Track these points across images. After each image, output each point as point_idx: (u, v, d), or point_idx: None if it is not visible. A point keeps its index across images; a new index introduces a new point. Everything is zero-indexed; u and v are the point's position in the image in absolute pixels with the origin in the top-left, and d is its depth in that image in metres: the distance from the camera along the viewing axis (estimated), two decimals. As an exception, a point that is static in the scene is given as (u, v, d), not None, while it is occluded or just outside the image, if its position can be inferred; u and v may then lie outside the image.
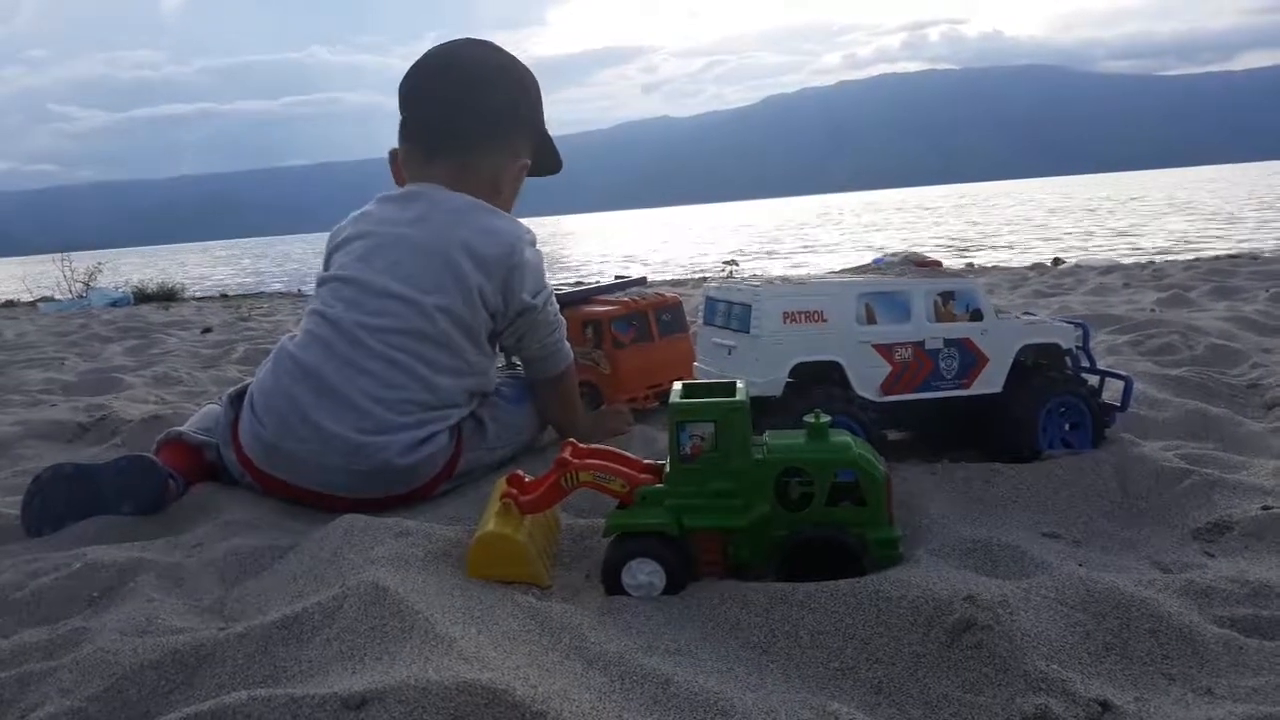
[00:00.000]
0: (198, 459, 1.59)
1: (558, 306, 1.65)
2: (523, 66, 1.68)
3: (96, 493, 1.45)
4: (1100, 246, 10.83)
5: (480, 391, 1.58)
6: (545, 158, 1.73)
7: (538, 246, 1.63)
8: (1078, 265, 7.32)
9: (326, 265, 1.61)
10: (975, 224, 19.11)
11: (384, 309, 1.48)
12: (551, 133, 1.74)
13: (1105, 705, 0.81)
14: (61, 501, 1.44)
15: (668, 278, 9.28)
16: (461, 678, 0.79)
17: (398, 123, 1.67)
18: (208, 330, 5.49)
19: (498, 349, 1.64)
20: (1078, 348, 1.57)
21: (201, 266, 28.75)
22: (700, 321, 1.63)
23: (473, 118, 1.62)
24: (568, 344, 1.66)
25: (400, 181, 1.66)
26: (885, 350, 1.45)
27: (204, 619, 1.08)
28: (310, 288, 11.11)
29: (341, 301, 1.50)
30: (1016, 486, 1.35)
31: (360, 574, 1.02)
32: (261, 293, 11.59)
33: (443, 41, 1.68)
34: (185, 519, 1.47)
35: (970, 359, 1.47)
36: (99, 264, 11.43)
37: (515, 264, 1.54)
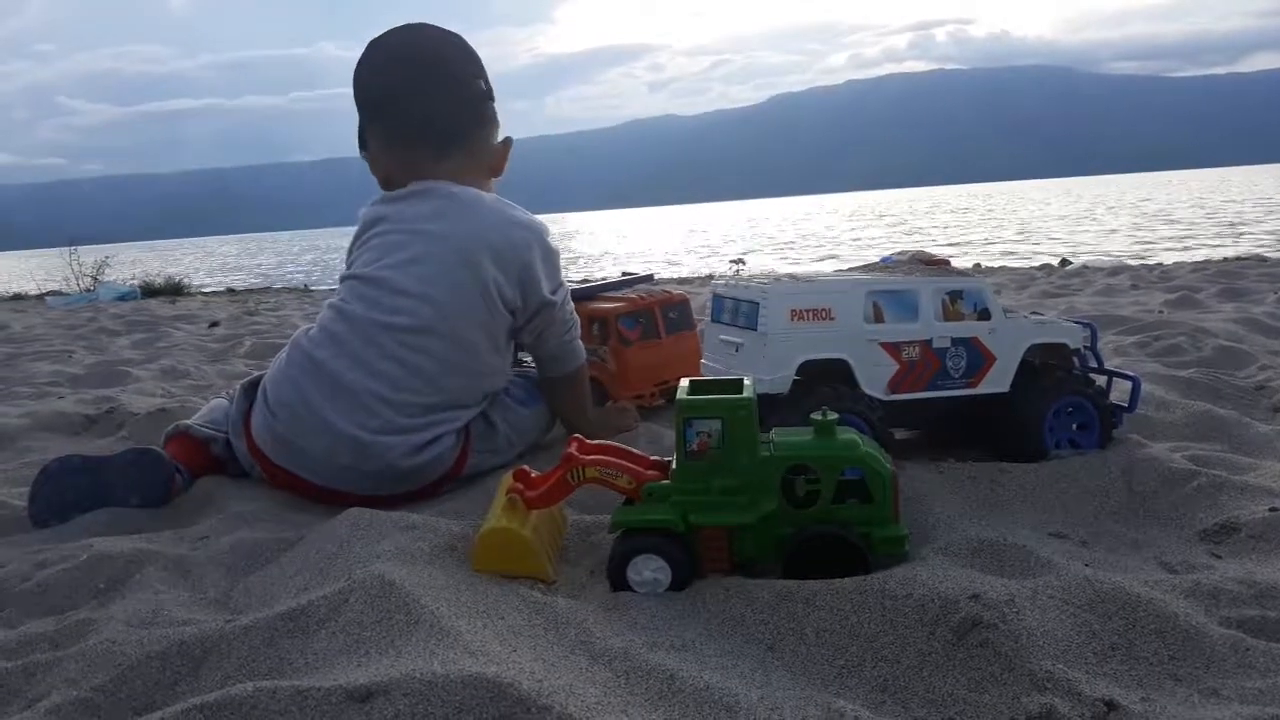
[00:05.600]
0: (204, 452, 1.60)
1: (573, 304, 1.65)
2: (466, 41, 1.65)
3: (103, 485, 1.46)
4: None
5: (492, 391, 1.58)
6: None
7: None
8: (1085, 266, 7.30)
9: (349, 264, 1.60)
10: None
11: (400, 307, 1.47)
12: (559, 131, 1.75)
13: (1111, 705, 0.81)
14: (68, 493, 1.45)
15: (676, 275, 9.28)
16: (467, 671, 0.79)
17: (375, 126, 1.60)
18: (215, 324, 5.50)
19: (512, 347, 1.63)
20: (1085, 348, 1.56)
21: (209, 260, 28.80)
22: (707, 319, 1.63)
23: (468, 112, 1.61)
24: (581, 342, 1.66)
25: (389, 184, 1.61)
26: (893, 348, 1.44)
27: (210, 611, 1.08)
28: (317, 284, 11.13)
29: (359, 299, 1.50)
30: (1023, 486, 1.35)
31: (366, 567, 1.03)
32: (269, 287, 11.61)
33: (381, 35, 1.61)
34: (191, 512, 1.48)
35: (978, 358, 1.47)
36: (106, 258, 11.44)
37: (532, 259, 1.54)
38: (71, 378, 3.22)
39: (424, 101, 1.58)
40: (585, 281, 2.28)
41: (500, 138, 1.67)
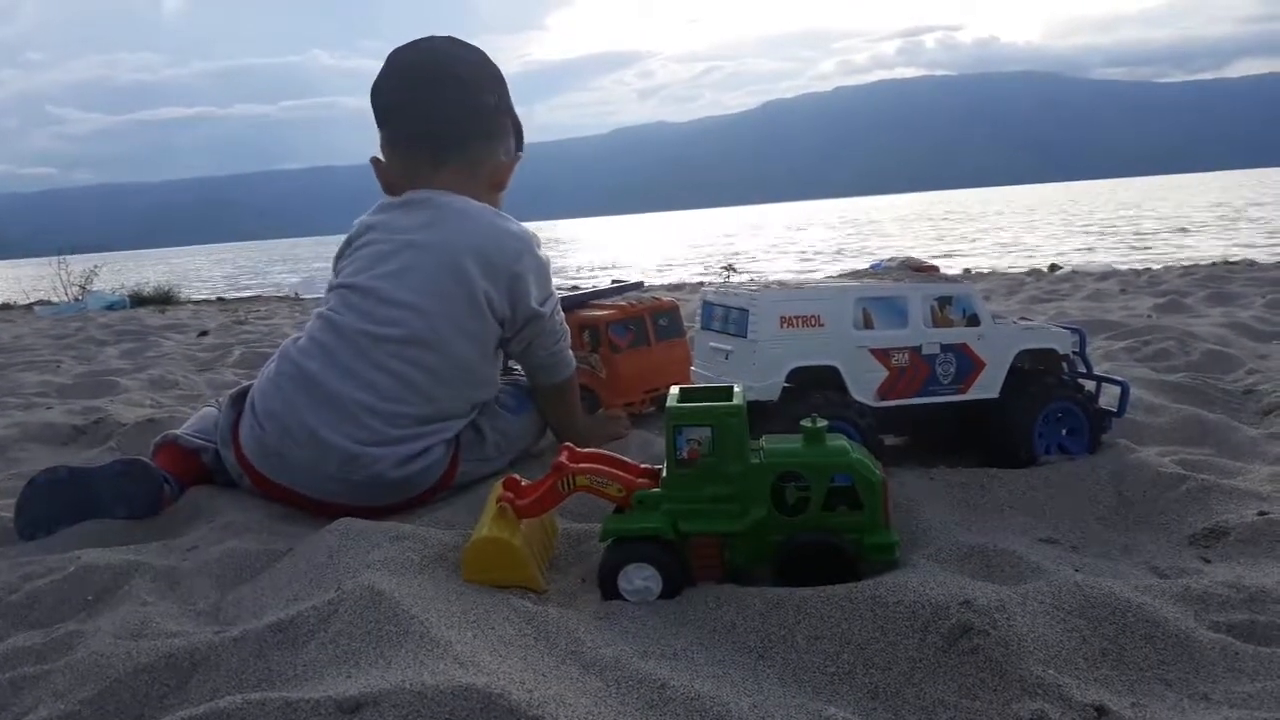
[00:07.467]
0: (193, 462, 1.59)
1: (563, 314, 1.65)
2: (488, 57, 1.67)
3: (91, 496, 1.45)
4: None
5: (482, 401, 1.58)
6: (518, 141, 1.72)
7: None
8: (1074, 271, 7.33)
9: (336, 272, 1.60)
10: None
11: (390, 318, 1.47)
12: (549, 138, 1.75)
13: (1102, 710, 0.81)
14: (56, 505, 1.44)
15: (665, 282, 9.28)
16: (457, 682, 0.79)
17: (382, 131, 1.61)
18: (204, 333, 5.49)
19: (501, 356, 1.63)
20: (1074, 353, 1.57)
21: (198, 269, 28.71)
22: (698, 326, 1.63)
23: (472, 122, 1.61)
24: (570, 352, 1.66)
25: (391, 189, 1.63)
26: (882, 355, 1.45)
27: (199, 622, 1.07)
28: (307, 291, 11.11)
29: (349, 309, 1.49)
30: (1013, 492, 1.35)
31: (356, 578, 1.02)
32: (258, 296, 11.58)
33: (406, 44, 1.64)
34: (180, 522, 1.47)
35: (967, 364, 1.47)
36: (95, 267, 11.41)
37: (522, 270, 1.54)
38: (59, 388, 3.20)
39: (425, 109, 1.59)
40: (575, 289, 2.28)
41: (511, 153, 1.67)
